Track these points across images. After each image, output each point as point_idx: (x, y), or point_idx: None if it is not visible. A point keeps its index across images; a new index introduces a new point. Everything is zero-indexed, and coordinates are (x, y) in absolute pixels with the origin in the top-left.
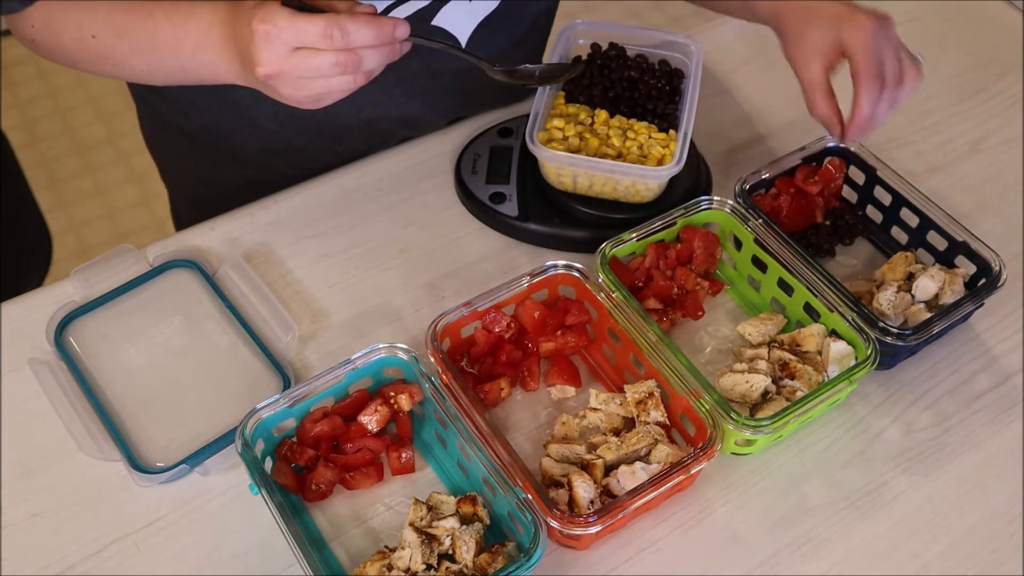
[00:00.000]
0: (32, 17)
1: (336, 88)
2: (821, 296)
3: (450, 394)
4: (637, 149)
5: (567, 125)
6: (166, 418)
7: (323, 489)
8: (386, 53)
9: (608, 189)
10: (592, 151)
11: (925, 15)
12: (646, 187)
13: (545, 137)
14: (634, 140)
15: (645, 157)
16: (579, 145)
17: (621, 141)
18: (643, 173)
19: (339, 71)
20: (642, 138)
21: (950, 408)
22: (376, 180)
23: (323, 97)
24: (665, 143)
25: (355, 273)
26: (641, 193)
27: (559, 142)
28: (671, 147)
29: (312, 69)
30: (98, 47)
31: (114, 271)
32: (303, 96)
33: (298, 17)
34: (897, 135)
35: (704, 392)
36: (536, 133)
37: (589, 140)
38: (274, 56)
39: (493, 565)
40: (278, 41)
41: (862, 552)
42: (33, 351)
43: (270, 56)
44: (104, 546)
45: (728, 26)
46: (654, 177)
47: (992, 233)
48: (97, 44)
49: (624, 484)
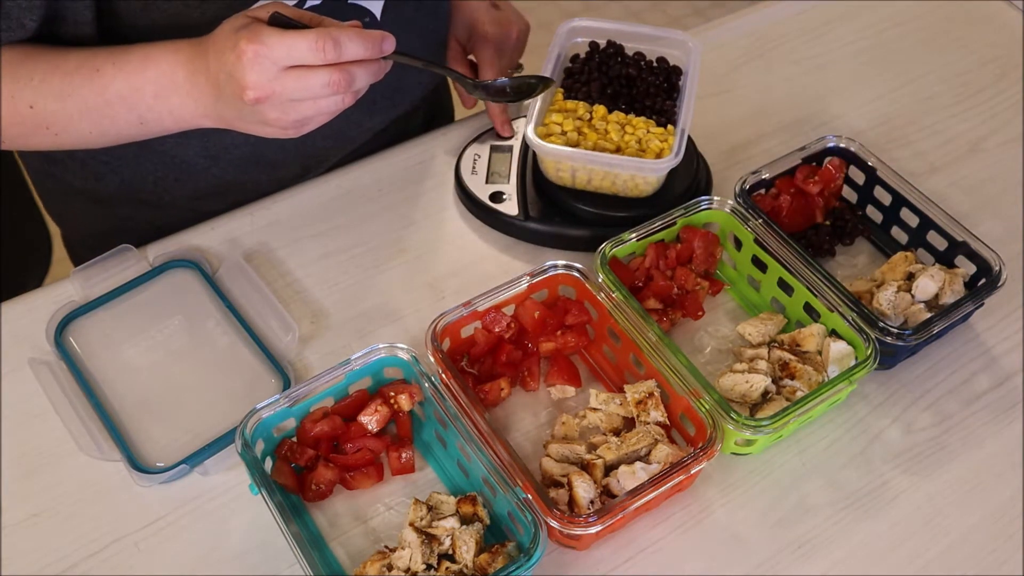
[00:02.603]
0: None
1: (325, 110)
2: (821, 296)
3: (450, 394)
4: (635, 143)
5: (565, 120)
6: (166, 418)
7: (323, 489)
8: (374, 71)
9: (607, 183)
10: (590, 146)
11: (925, 15)
12: (645, 180)
13: (544, 132)
14: (632, 134)
15: (644, 151)
16: (578, 140)
17: (619, 135)
18: (641, 166)
19: (330, 91)
20: (640, 132)
21: (950, 408)
22: (376, 180)
23: (309, 121)
24: (663, 137)
25: (355, 273)
26: (640, 187)
27: (558, 136)
28: (669, 141)
29: (304, 89)
30: (36, 117)
31: (114, 271)
32: (290, 120)
33: (287, 33)
34: (897, 135)
35: (704, 392)
36: (535, 128)
37: (588, 135)
38: (264, 77)
39: (493, 565)
40: (268, 60)
41: (862, 552)
42: (33, 351)
43: (259, 78)
44: (104, 546)
45: (728, 25)
46: (652, 170)
47: (992, 233)
48: (35, 114)
49: (624, 484)
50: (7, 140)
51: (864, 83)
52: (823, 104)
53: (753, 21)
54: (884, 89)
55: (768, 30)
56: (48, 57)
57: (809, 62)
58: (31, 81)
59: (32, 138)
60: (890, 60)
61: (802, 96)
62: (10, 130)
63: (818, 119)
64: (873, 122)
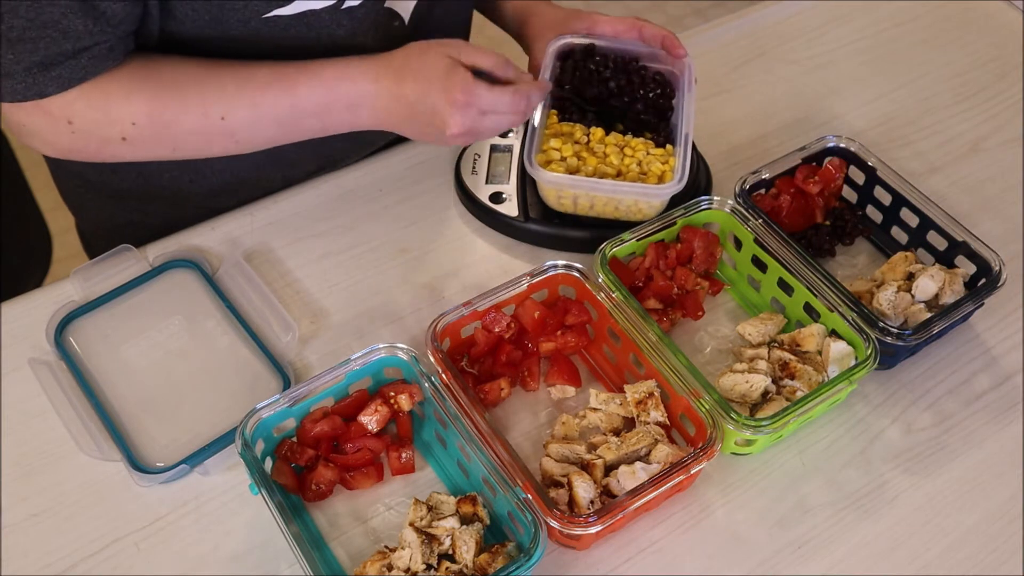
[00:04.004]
0: (80, 108)
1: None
2: (821, 296)
3: (450, 394)
4: (636, 166)
5: (564, 145)
6: (166, 418)
7: (323, 489)
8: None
9: (610, 209)
10: (591, 171)
11: (925, 15)
12: (648, 205)
13: (543, 159)
14: (632, 156)
15: (645, 174)
16: (577, 165)
17: (619, 159)
18: (646, 191)
19: (508, 126)
20: (640, 154)
21: (950, 408)
22: (376, 180)
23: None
24: (664, 158)
25: (355, 273)
26: (644, 211)
27: (558, 163)
28: (670, 162)
29: (496, 128)
30: (225, 127)
31: (114, 271)
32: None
33: (494, 89)
34: (897, 135)
35: (704, 392)
36: (535, 155)
37: (587, 159)
38: (468, 121)
39: (493, 565)
40: (474, 109)
41: (862, 552)
42: (33, 351)
43: (464, 120)
44: (104, 546)
45: (728, 25)
46: (657, 195)
47: (992, 233)
48: (225, 124)
49: (624, 484)
50: (182, 148)
51: (864, 83)
52: (823, 104)
53: (753, 21)
54: (884, 89)
55: (768, 30)
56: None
57: (809, 62)
58: (224, 93)
59: (211, 147)
60: (890, 60)
61: (802, 96)
62: (191, 138)
63: (818, 119)
64: (873, 122)
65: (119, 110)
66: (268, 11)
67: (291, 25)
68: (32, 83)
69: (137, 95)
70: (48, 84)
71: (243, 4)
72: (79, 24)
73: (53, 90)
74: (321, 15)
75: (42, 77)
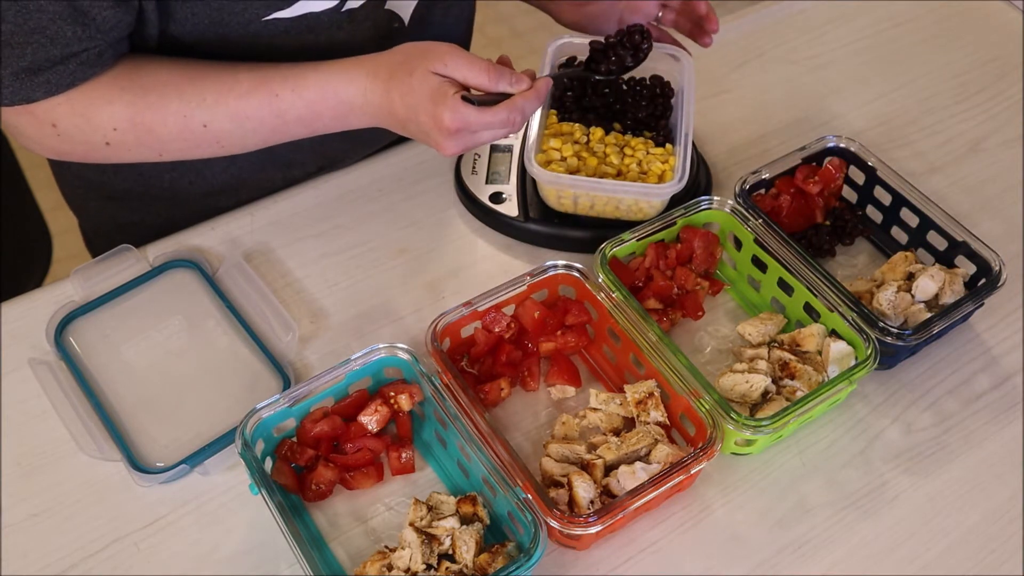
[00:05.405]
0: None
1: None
2: (821, 296)
3: (450, 394)
4: (636, 166)
5: (564, 145)
6: (166, 418)
7: (323, 489)
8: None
9: (610, 208)
10: (591, 171)
11: (925, 15)
12: (649, 204)
13: (543, 159)
14: (632, 156)
15: (645, 173)
16: (577, 165)
17: (619, 158)
18: (646, 191)
19: (503, 136)
20: (640, 154)
21: (950, 408)
22: (376, 180)
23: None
24: (664, 158)
25: (355, 273)
26: (644, 211)
27: (558, 163)
28: (670, 161)
29: (489, 141)
30: (209, 134)
31: (114, 271)
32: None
33: (484, 112)
34: (897, 135)
35: (704, 392)
36: (535, 155)
37: (587, 159)
38: (460, 144)
39: (493, 565)
40: (466, 132)
41: (862, 552)
42: (33, 351)
43: (456, 144)
44: (104, 546)
45: (728, 25)
46: (657, 195)
47: (992, 233)
48: (208, 131)
49: (624, 484)
50: (168, 152)
51: (864, 83)
52: (823, 104)
53: (753, 21)
54: (884, 89)
55: (768, 30)
56: (211, 75)
57: (809, 62)
58: (203, 101)
59: (197, 150)
60: (890, 60)
61: (802, 96)
62: (175, 143)
63: (818, 119)
64: (873, 122)
65: (100, 116)
66: (268, 13)
67: (291, 27)
68: (19, 88)
69: (118, 101)
70: (35, 89)
71: (243, 6)
72: (68, 30)
73: (40, 95)
74: (321, 17)
75: (30, 82)
